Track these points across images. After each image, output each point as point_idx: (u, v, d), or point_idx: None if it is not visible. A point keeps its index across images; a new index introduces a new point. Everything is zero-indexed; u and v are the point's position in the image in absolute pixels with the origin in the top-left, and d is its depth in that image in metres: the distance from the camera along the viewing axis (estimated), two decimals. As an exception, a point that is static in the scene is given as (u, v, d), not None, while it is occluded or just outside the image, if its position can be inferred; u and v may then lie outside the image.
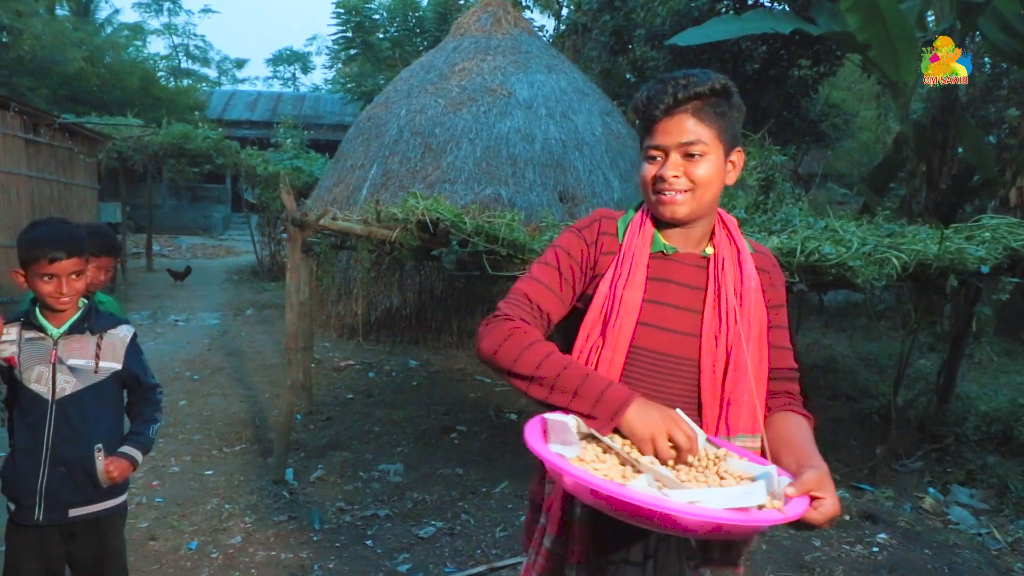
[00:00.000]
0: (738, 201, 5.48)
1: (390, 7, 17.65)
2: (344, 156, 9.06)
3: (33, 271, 2.00)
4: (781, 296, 1.50)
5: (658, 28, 9.17)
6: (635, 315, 1.40)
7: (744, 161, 1.47)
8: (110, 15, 24.83)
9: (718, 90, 1.37)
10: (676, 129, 1.36)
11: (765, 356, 1.42)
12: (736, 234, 1.47)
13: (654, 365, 1.41)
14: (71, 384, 2.07)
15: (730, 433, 1.37)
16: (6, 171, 7.61)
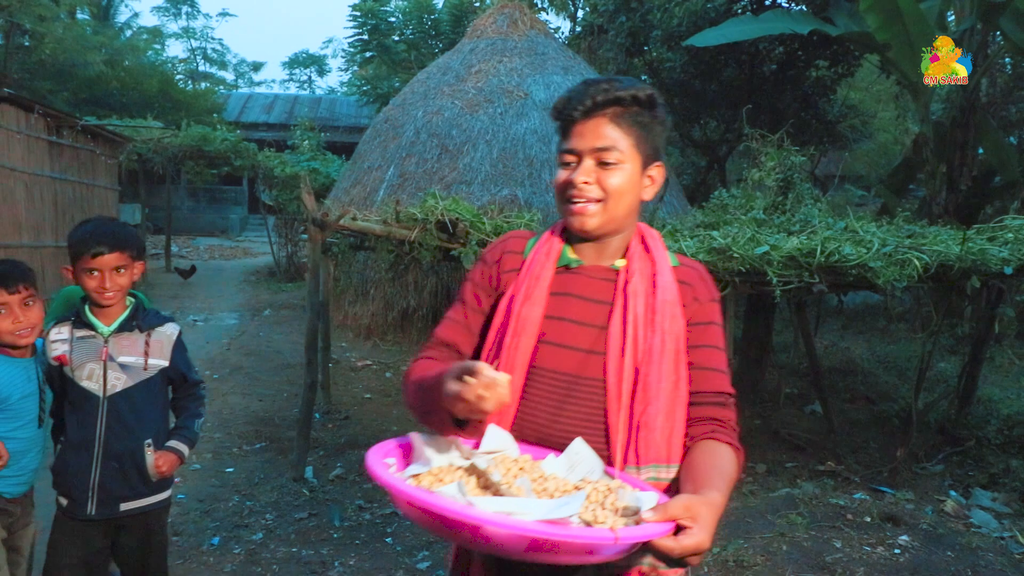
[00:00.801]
0: (756, 202, 5.46)
1: (405, 10, 17.73)
2: (361, 157, 9.12)
3: (79, 266, 2.04)
4: (710, 313, 1.35)
5: (675, 29, 9.14)
6: (534, 333, 1.31)
7: (665, 178, 1.36)
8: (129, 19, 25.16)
9: (641, 99, 1.29)
10: (592, 133, 1.28)
11: (683, 376, 1.29)
12: (655, 247, 1.36)
13: (556, 386, 1.30)
14: (121, 381, 2.10)
15: (640, 462, 1.24)
16: (30, 172, 7.72)
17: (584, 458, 1.20)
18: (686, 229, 4.89)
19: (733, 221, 5.04)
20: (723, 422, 1.30)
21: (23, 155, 7.56)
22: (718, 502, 1.06)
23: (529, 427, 1.30)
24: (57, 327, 2.11)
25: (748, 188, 5.90)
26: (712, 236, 4.30)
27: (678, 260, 1.38)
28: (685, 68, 9.92)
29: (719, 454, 1.23)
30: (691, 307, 1.33)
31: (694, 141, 11.85)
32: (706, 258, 3.99)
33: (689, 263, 1.40)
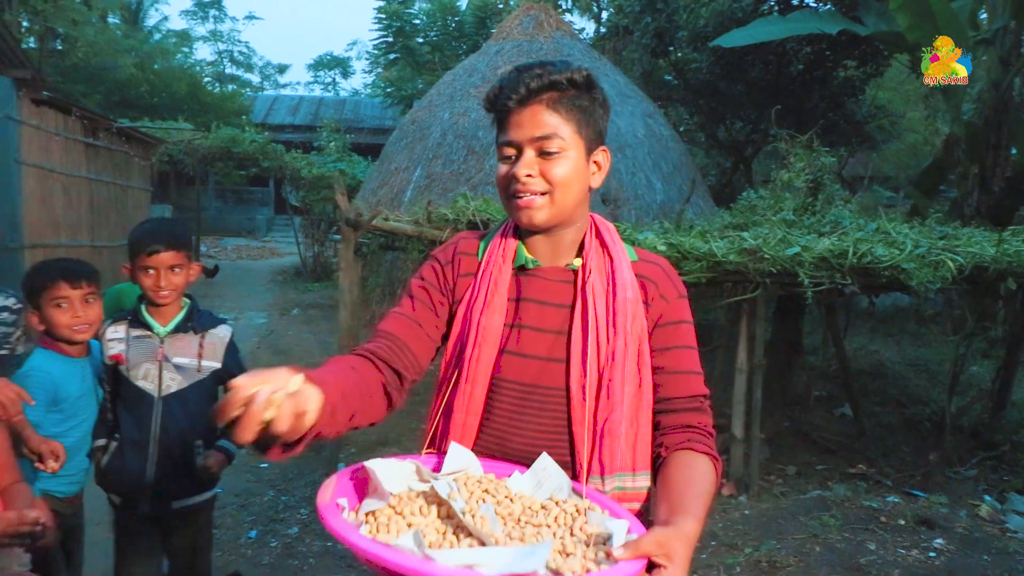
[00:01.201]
0: (785, 203, 5.45)
1: (430, 12, 17.83)
2: (388, 159, 9.20)
3: (136, 264, 2.09)
4: (679, 311, 1.28)
5: (701, 30, 9.11)
6: (495, 343, 1.25)
7: (610, 162, 1.29)
8: (158, 22, 25.60)
9: (578, 81, 1.22)
10: (530, 122, 1.20)
11: (647, 379, 1.23)
12: (612, 241, 1.30)
13: (519, 397, 1.25)
14: (176, 382, 2.13)
15: (605, 472, 1.19)
16: (68, 174, 7.90)
17: (551, 474, 1.15)
18: (715, 230, 4.89)
19: (762, 222, 5.03)
20: (699, 428, 1.24)
21: (61, 157, 7.74)
22: (692, 533, 1.00)
23: (493, 441, 1.26)
24: (113, 326, 2.14)
25: (777, 189, 5.88)
26: (742, 237, 4.30)
27: (637, 255, 1.32)
28: (711, 68, 9.88)
29: (695, 467, 1.17)
30: (656, 306, 1.27)
31: (719, 142, 11.80)
32: (737, 259, 4.00)
33: (650, 258, 1.33)
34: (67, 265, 2.14)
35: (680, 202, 7.39)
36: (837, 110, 10.07)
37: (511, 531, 1.00)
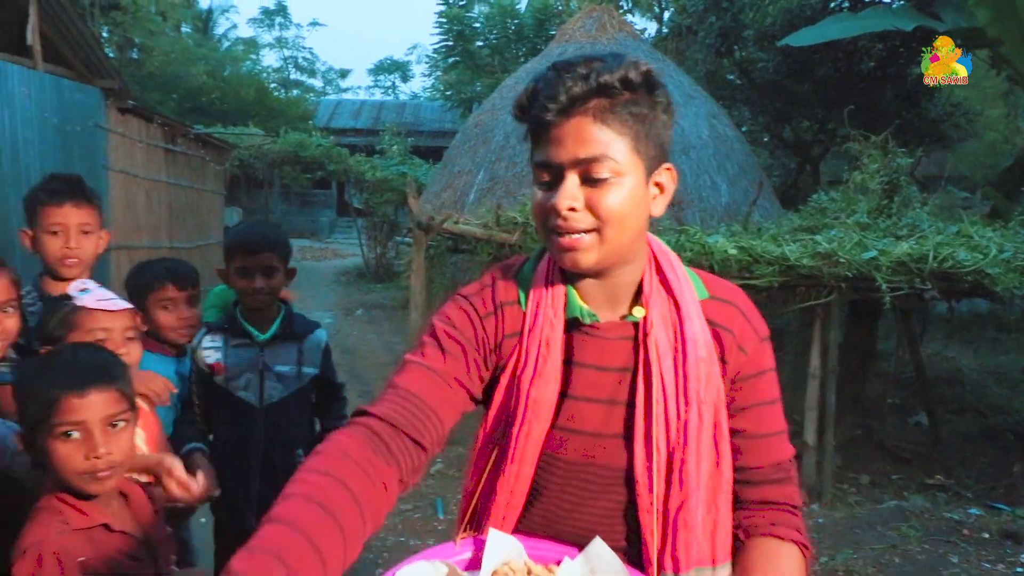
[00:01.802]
0: (859, 205, 5.32)
1: (489, 15, 17.99)
2: (451, 161, 9.33)
3: (231, 267, 2.01)
4: (759, 360, 1.05)
5: (768, 28, 8.96)
6: (548, 417, 1.04)
7: (676, 181, 1.03)
8: (227, 30, 26.54)
9: (634, 82, 0.94)
10: (573, 138, 0.94)
11: (726, 453, 1.03)
12: (676, 278, 1.05)
13: (572, 476, 1.07)
14: (277, 391, 2.02)
15: (680, 568, 1.00)
16: (150, 178, 8.28)
17: (606, 561, 1.01)
18: (786, 233, 4.82)
19: (834, 225, 4.93)
20: (783, 506, 1.06)
21: (144, 162, 8.12)
22: None
23: (540, 521, 1.10)
24: (211, 335, 2.05)
25: (849, 191, 5.74)
26: (815, 240, 4.23)
27: (706, 288, 1.07)
28: (777, 68, 9.69)
29: (780, 560, 1.01)
30: (734, 361, 1.04)
31: (784, 142, 11.56)
32: (810, 263, 3.94)
33: (723, 292, 1.07)
34: (173, 266, 2.12)
35: (746, 204, 7.28)
36: (911, 108, 9.75)
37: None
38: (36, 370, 1.29)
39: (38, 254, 1.94)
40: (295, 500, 0.83)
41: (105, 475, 1.24)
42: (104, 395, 1.25)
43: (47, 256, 1.91)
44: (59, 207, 1.89)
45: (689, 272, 1.08)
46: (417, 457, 0.97)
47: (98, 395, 1.24)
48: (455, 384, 1.04)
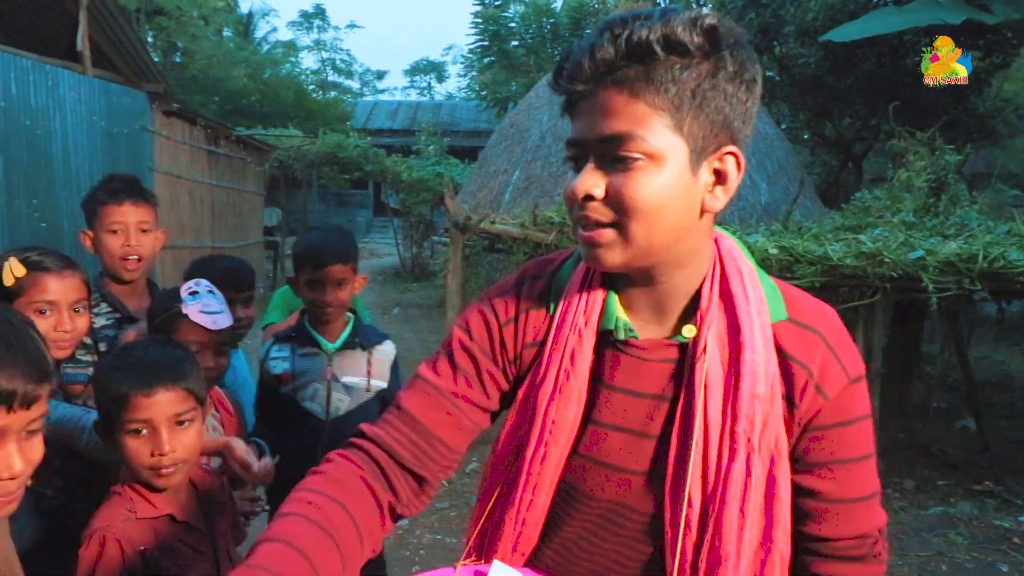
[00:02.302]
0: (905, 204, 5.20)
1: (525, 15, 17.99)
2: (487, 161, 9.36)
3: (300, 278, 1.95)
4: (850, 405, 0.84)
5: (809, 24, 8.80)
6: (568, 442, 0.90)
7: (743, 168, 0.83)
8: (267, 34, 26.95)
9: (685, 44, 0.75)
10: (599, 113, 0.78)
11: (782, 518, 0.83)
12: (743, 293, 0.85)
13: (592, 514, 0.91)
14: (344, 403, 1.95)
15: None
16: (193, 180, 8.47)
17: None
18: (828, 232, 4.73)
19: (878, 224, 4.82)
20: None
21: (187, 164, 8.31)
22: None
23: (555, 558, 0.95)
24: (278, 344, 1.99)
25: (894, 189, 5.61)
26: (859, 240, 4.15)
27: (786, 308, 0.86)
28: (819, 64, 9.51)
29: None
30: (808, 403, 0.83)
31: (826, 139, 11.34)
32: (854, 263, 3.86)
33: (806, 316, 0.86)
34: (229, 265, 2.09)
35: (786, 203, 7.16)
36: (959, 104, 9.48)
37: None
38: (109, 366, 1.33)
39: (98, 255, 1.93)
40: (294, 519, 0.79)
41: (169, 471, 1.28)
42: (171, 394, 1.28)
43: (108, 255, 1.90)
44: (119, 206, 1.88)
45: (769, 286, 0.88)
46: (416, 488, 0.91)
47: (165, 394, 1.27)
48: (465, 405, 0.92)
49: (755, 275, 0.88)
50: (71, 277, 1.58)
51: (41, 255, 1.55)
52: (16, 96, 5.26)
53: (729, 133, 0.80)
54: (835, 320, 0.88)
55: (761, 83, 0.83)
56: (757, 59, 0.82)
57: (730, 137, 0.81)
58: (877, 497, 0.88)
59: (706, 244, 0.87)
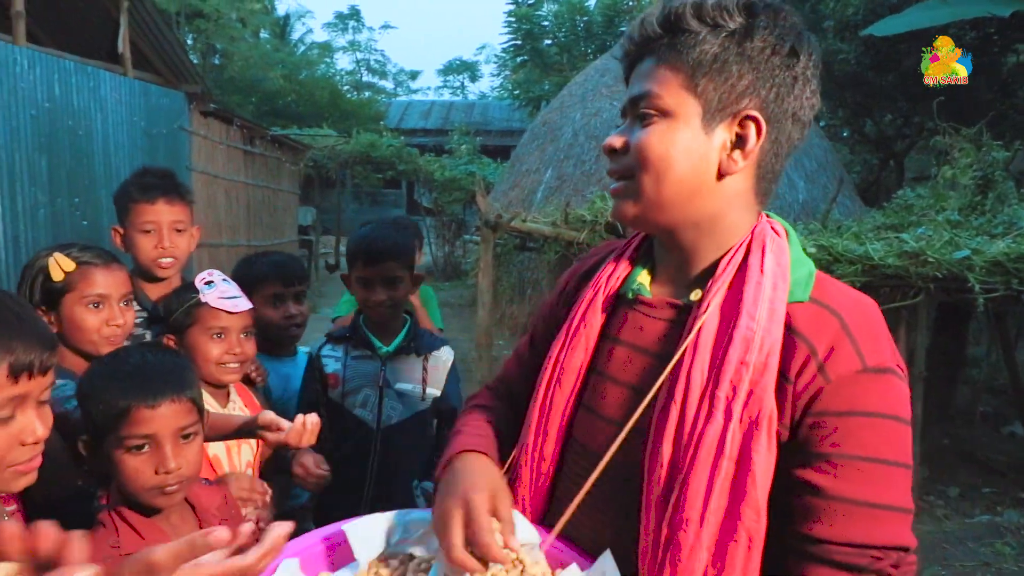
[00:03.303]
0: (949, 202, 5.04)
1: (558, 13, 17.93)
2: (519, 160, 9.34)
3: (352, 275, 1.89)
4: (862, 396, 0.77)
5: (850, 19, 8.60)
6: (570, 387, 0.95)
7: (765, 136, 0.84)
8: (303, 35, 27.29)
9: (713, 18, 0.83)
10: (635, 77, 0.89)
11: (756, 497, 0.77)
12: (759, 264, 0.85)
13: (588, 467, 0.90)
14: (397, 412, 1.83)
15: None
16: (230, 179, 8.59)
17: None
18: (869, 231, 4.60)
19: (922, 223, 4.68)
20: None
21: (224, 163, 8.43)
22: None
23: (556, 517, 0.92)
24: (331, 344, 1.90)
25: (938, 187, 5.45)
26: (902, 239, 4.03)
27: (813, 291, 0.84)
28: (859, 59, 9.28)
29: None
30: (805, 381, 0.78)
31: (866, 136, 11.07)
32: (896, 262, 3.75)
33: (834, 297, 0.83)
34: (279, 261, 2.04)
35: (824, 201, 7.01)
36: (1006, 99, 9.19)
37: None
38: (102, 375, 1.19)
39: (129, 252, 1.87)
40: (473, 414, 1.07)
41: (173, 490, 1.15)
42: (176, 406, 1.16)
43: (140, 256, 1.84)
44: (151, 204, 1.82)
45: (807, 271, 0.86)
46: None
47: (170, 406, 1.15)
48: (527, 363, 1.09)
49: (785, 255, 0.86)
50: (118, 270, 1.55)
51: (83, 250, 1.52)
52: (60, 97, 5.38)
53: (754, 100, 0.84)
54: (867, 309, 0.84)
55: (811, 60, 0.86)
56: (805, 36, 0.86)
57: (756, 104, 0.84)
58: (898, 513, 0.77)
59: (736, 215, 0.89)
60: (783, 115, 0.85)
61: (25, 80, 4.98)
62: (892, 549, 0.76)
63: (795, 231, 0.92)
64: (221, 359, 1.61)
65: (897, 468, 0.78)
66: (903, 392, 0.80)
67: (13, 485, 0.90)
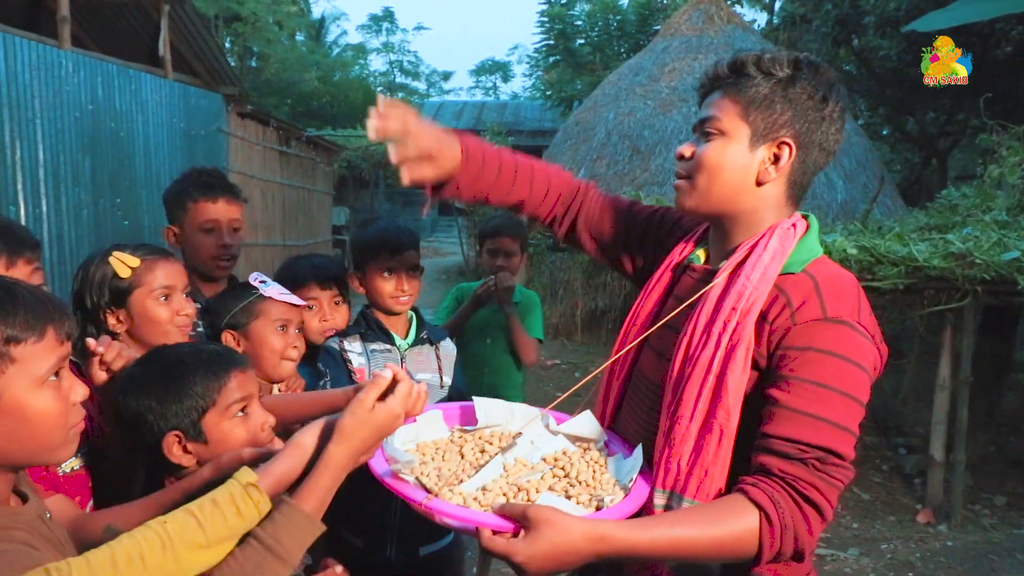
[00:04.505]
0: (996, 202, 4.89)
1: (591, 12, 17.85)
2: (551, 160, 9.28)
3: (372, 268, 1.85)
4: (817, 336, 1.03)
5: (891, 14, 8.40)
6: (635, 330, 1.28)
7: (795, 157, 1.13)
8: (337, 37, 27.57)
9: (765, 68, 1.12)
10: (705, 104, 1.20)
11: (728, 406, 1.05)
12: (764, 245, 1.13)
13: (646, 393, 1.24)
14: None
15: (663, 484, 1.09)
16: (265, 179, 8.71)
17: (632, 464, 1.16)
18: (912, 232, 4.49)
19: (967, 223, 4.55)
20: (774, 477, 1.00)
21: (260, 164, 8.55)
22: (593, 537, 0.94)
23: (620, 422, 1.31)
24: (347, 339, 1.86)
25: (984, 186, 5.29)
26: (947, 240, 3.91)
27: (807, 267, 1.12)
28: (900, 56, 9.07)
29: (722, 508, 1.00)
30: (779, 323, 1.06)
31: (907, 135, 10.82)
32: (941, 264, 3.65)
33: (818, 270, 1.11)
34: (318, 263, 2.00)
35: (864, 201, 6.86)
36: (1055, 95, 8.89)
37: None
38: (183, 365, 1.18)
39: (184, 251, 1.84)
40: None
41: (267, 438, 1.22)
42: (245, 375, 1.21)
43: (200, 254, 1.81)
44: (213, 203, 1.81)
45: (808, 254, 1.14)
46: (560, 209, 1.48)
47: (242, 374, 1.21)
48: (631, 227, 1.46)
49: (790, 241, 1.14)
50: (177, 262, 1.56)
51: (137, 248, 1.52)
52: (103, 100, 5.50)
53: (790, 130, 1.13)
54: (841, 280, 1.11)
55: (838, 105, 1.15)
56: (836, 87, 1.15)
57: (791, 133, 1.13)
58: (830, 426, 1.00)
59: (767, 212, 1.17)
60: (812, 144, 1.14)
61: (70, 83, 5.10)
62: (816, 448, 0.99)
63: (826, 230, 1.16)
64: (285, 352, 1.64)
65: (838, 394, 1.01)
66: (856, 340, 1.05)
67: (72, 448, 0.93)
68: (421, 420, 1.23)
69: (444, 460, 1.18)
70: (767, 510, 0.97)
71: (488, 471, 1.11)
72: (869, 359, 1.05)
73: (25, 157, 4.65)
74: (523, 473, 1.12)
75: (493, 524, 0.97)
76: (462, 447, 1.22)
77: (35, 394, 0.86)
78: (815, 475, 0.99)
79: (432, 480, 1.09)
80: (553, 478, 1.13)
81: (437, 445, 1.23)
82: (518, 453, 1.17)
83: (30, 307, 0.86)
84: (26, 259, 1.28)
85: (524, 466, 1.15)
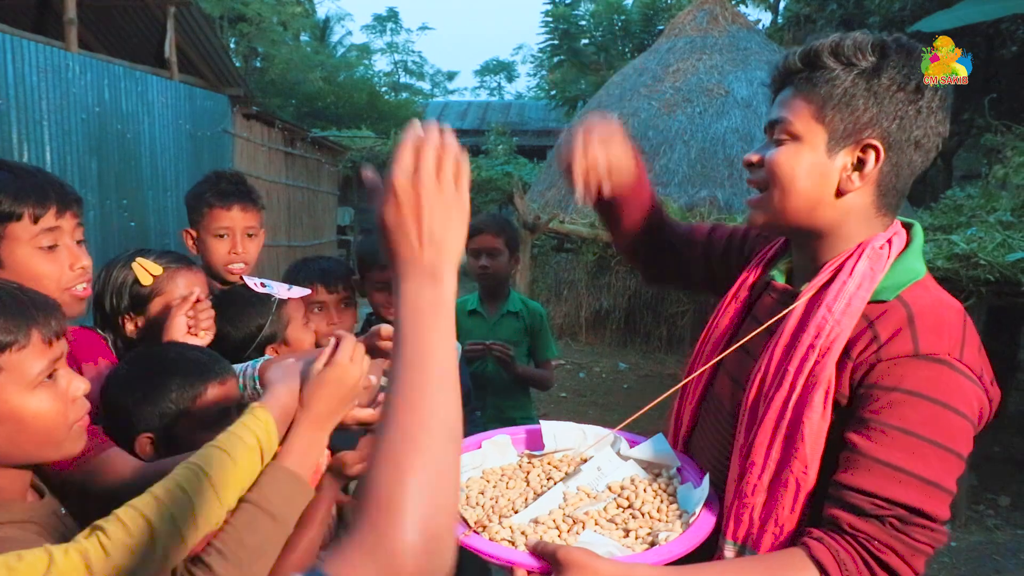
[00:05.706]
0: (1001, 203, 4.89)
1: (595, 12, 17.85)
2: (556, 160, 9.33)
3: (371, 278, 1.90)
4: (908, 376, 0.89)
5: (896, 14, 8.39)
6: (712, 349, 1.17)
7: (883, 161, 0.97)
8: (342, 37, 27.62)
9: (842, 56, 0.96)
10: (775, 104, 1.04)
11: (806, 456, 0.94)
12: (852, 266, 0.99)
13: (719, 419, 1.14)
14: None
15: (728, 534, 1.01)
16: (270, 180, 8.75)
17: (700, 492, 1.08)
18: (917, 233, 4.48)
19: (972, 224, 4.54)
20: (845, 534, 0.89)
21: (265, 165, 8.59)
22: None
23: (693, 446, 1.21)
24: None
25: (989, 186, 5.29)
26: (951, 240, 3.91)
27: (902, 292, 0.96)
28: (906, 56, 9.07)
29: (774, 563, 0.92)
30: (863, 359, 0.92)
31: (912, 135, 10.80)
32: (945, 265, 3.65)
33: (916, 297, 0.95)
34: (325, 267, 2.01)
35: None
36: (1061, 96, 8.86)
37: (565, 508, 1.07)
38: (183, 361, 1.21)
39: (200, 255, 1.89)
40: None
41: None
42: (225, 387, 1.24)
43: (213, 259, 1.86)
44: (227, 211, 1.84)
45: (906, 276, 0.98)
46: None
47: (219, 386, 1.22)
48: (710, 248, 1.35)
49: (882, 262, 0.98)
50: (199, 271, 1.58)
51: (160, 255, 1.52)
52: (109, 101, 5.54)
53: (876, 130, 0.96)
54: (942, 309, 0.95)
55: (936, 93, 1.00)
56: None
57: (877, 134, 0.96)
58: (919, 482, 0.87)
59: (853, 226, 1.01)
60: (905, 143, 0.97)
61: (77, 85, 5.14)
62: (899, 505, 0.87)
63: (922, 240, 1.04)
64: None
65: (928, 444, 0.88)
66: (955, 381, 0.89)
67: (81, 442, 0.94)
68: (487, 445, 1.21)
69: (508, 488, 1.14)
70: (829, 570, 0.87)
71: (545, 501, 1.07)
72: (971, 404, 0.90)
73: (32, 158, 4.68)
74: (583, 504, 1.07)
75: (526, 564, 0.92)
76: (528, 473, 1.18)
77: (29, 398, 0.86)
78: (893, 536, 0.87)
79: (473, 513, 1.06)
80: (617, 508, 1.07)
81: (504, 471, 1.20)
82: (582, 481, 1.12)
83: (11, 314, 0.86)
84: (73, 212, 1.28)
85: (587, 495, 1.10)
